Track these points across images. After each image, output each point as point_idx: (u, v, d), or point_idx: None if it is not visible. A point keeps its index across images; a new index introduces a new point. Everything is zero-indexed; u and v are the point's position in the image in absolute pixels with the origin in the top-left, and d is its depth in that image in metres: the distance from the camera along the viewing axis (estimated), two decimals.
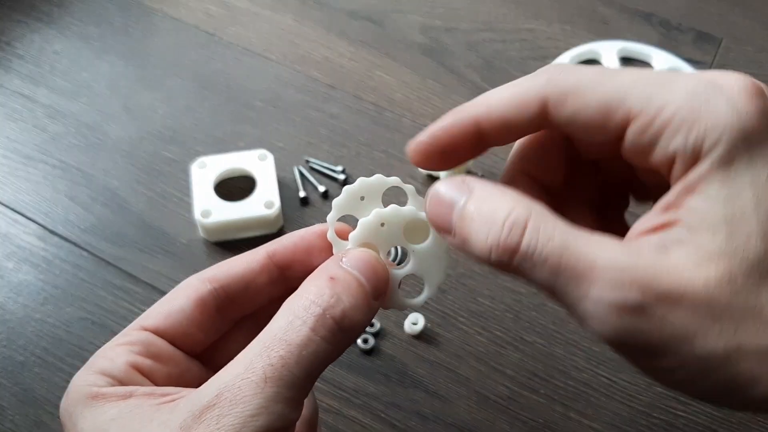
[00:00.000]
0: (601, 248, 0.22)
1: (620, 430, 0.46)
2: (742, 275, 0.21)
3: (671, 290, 0.21)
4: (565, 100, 0.24)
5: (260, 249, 0.30)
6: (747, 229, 0.21)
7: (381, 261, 0.28)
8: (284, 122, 0.61)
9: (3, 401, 0.45)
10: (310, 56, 0.67)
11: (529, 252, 0.22)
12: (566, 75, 0.25)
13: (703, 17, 0.73)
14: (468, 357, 0.48)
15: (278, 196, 0.54)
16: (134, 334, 0.28)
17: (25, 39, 0.67)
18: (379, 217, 0.28)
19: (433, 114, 0.63)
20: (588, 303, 0.22)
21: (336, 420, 0.45)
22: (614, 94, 0.24)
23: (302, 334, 0.24)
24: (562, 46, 0.69)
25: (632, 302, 0.21)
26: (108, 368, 0.26)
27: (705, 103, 0.22)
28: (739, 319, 0.21)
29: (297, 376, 0.24)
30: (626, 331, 0.21)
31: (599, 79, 0.24)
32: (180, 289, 0.29)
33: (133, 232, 0.54)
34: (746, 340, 0.21)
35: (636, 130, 0.23)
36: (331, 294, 0.25)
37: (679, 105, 0.22)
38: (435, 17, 0.71)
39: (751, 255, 0.21)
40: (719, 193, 0.22)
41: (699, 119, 0.22)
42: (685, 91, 0.23)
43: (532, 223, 0.23)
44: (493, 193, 0.25)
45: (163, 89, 0.63)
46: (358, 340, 0.48)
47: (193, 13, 0.70)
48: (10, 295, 0.50)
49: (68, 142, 0.59)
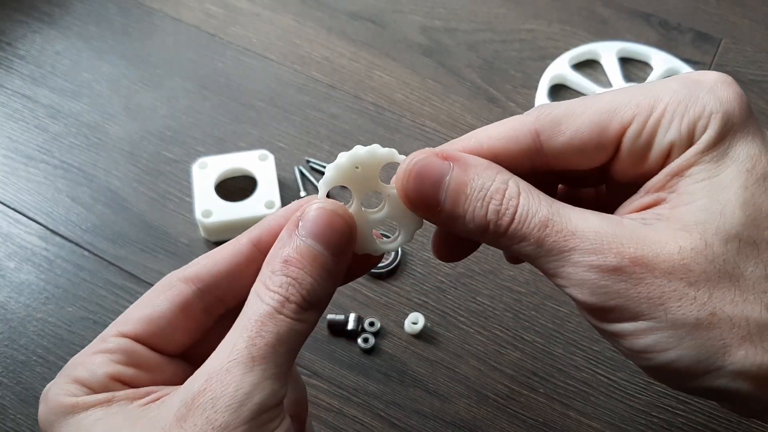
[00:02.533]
0: (584, 218, 0.24)
1: (619, 429, 0.46)
2: (718, 243, 0.22)
3: (646, 255, 0.22)
4: (558, 128, 0.25)
5: (243, 237, 0.28)
6: (725, 200, 0.23)
7: (345, 213, 0.27)
8: (285, 122, 0.61)
9: (4, 400, 0.46)
10: (311, 56, 0.67)
11: (520, 224, 0.24)
12: (554, 107, 0.26)
13: (702, 17, 0.73)
14: (467, 356, 0.48)
15: (279, 196, 0.54)
16: (113, 341, 0.26)
17: (27, 39, 0.67)
18: (354, 159, 0.27)
19: (433, 114, 0.63)
20: (569, 267, 0.23)
21: (336, 419, 0.46)
22: (605, 110, 0.25)
23: (274, 316, 0.25)
24: (562, 46, 0.69)
25: (609, 265, 0.22)
26: (86, 379, 0.25)
27: (690, 96, 0.24)
28: (714, 286, 0.22)
29: (280, 353, 0.25)
30: (604, 293, 0.23)
31: (587, 103, 0.25)
32: (161, 292, 0.27)
33: (134, 232, 0.54)
34: (720, 306, 0.22)
35: (633, 135, 0.24)
36: (287, 281, 0.25)
37: (668, 102, 0.24)
38: (435, 18, 0.72)
39: (727, 224, 0.22)
40: (703, 172, 0.23)
41: (687, 109, 0.24)
42: (670, 90, 0.25)
43: (523, 196, 0.24)
44: (482, 164, 0.25)
45: (163, 89, 0.63)
46: (359, 339, 0.48)
47: (194, 13, 0.70)
48: (11, 295, 0.50)
49: (69, 142, 0.59)
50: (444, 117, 0.63)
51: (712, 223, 0.22)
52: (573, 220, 0.24)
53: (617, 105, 0.25)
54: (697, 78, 0.25)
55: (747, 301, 0.22)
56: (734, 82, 0.25)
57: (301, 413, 0.31)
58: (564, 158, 0.26)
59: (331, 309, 0.50)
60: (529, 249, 0.24)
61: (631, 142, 0.25)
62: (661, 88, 0.25)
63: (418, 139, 0.61)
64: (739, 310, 0.22)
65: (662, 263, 0.22)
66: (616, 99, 0.25)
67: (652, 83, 0.26)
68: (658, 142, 0.24)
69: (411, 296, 0.51)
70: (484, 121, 0.63)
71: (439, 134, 0.61)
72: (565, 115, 0.25)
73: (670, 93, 0.24)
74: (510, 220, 0.24)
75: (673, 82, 0.25)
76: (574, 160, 0.26)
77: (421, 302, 0.51)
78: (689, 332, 0.22)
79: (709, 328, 0.22)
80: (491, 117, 0.63)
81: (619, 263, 0.22)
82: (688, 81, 0.25)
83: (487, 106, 0.64)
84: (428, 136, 0.61)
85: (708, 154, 0.23)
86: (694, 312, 0.22)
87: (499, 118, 0.62)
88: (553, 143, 0.25)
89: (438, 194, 0.25)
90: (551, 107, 0.26)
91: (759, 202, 0.23)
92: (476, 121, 0.63)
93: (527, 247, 0.24)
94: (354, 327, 0.49)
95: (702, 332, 0.22)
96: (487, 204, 0.24)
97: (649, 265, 0.22)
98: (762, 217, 0.23)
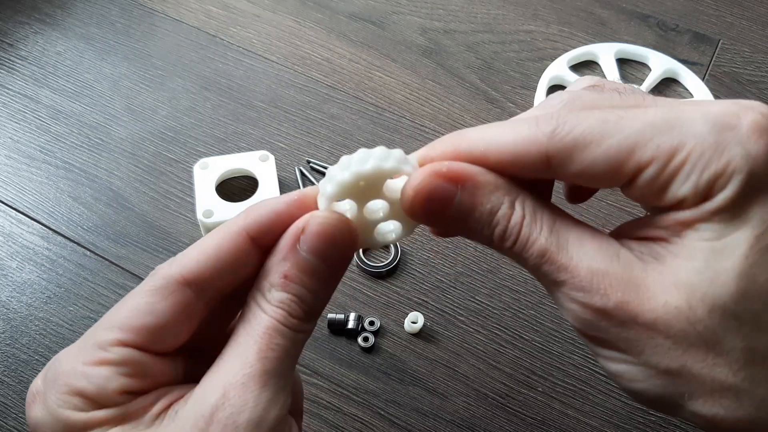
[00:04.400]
0: (580, 249, 0.24)
1: (618, 427, 0.46)
2: (702, 309, 0.22)
3: (632, 302, 0.23)
4: (570, 157, 0.23)
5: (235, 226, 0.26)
6: (721, 268, 0.22)
7: (347, 228, 0.26)
8: (285, 123, 0.62)
9: (7, 400, 0.46)
10: (311, 57, 0.67)
11: (519, 250, 0.24)
12: (570, 127, 0.23)
13: (700, 18, 0.74)
14: (467, 355, 0.49)
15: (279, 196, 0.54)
16: (117, 351, 0.25)
17: (28, 40, 0.67)
18: (358, 176, 0.25)
19: (432, 114, 0.63)
20: (561, 295, 0.24)
21: (336, 417, 0.46)
22: (624, 146, 0.23)
23: (279, 329, 0.25)
24: (560, 47, 0.70)
25: (595, 305, 0.23)
26: (93, 394, 0.24)
27: (716, 147, 0.22)
28: (690, 345, 0.22)
29: (287, 364, 0.25)
30: (587, 325, 0.24)
31: (606, 130, 0.23)
32: (161, 296, 0.25)
33: (136, 231, 0.54)
34: (691, 364, 0.22)
35: (648, 178, 0.23)
36: (289, 297, 0.25)
37: (691, 149, 0.22)
38: (434, 19, 0.72)
39: (716, 294, 0.22)
40: (710, 232, 0.22)
41: (710, 163, 0.22)
42: (696, 134, 0.22)
43: (527, 221, 0.24)
44: (489, 186, 0.25)
45: (164, 90, 0.64)
46: (359, 338, 0.49)
47: (194, 14, 0.70)
48: (14, 294, 0.51)
49: (71, 142, 0.60)
50: (443, 117, 0.63)
51: (702, 288, 0.22)
52: (569, 251, 0.24)
53: (637, 141, 0.22)
54: (730, 123, 0.22)
55: (717, 365, 0.22)
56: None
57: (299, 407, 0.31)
58: (572, 179, 0.25)
59: (331, 308, 0.50)
60: (527, 268, 0.25)
61: (645, 184, 0.23)
62: (688, 128, 0.22)
63: (417, 139, 0.61)
64: (708, 372, 0.22)
65: (646, 313, 0.22)
66: (638, 132, 0.23)
67: (680, 112, 0.23)
68: (673, 190, 0.23)
69: (410, 295, 0.52)
70: (483, 121, 0.63)
71: (439, 134, 0.62)
72: (581, 141, 0.23)
73: (695, 138, 0.22)
74: (512, 244, 0.24)
75: (701, 124, 0.22)
76: (584, 182, 0.25)
77: (421, 301, 0.51)
78: (658, 374, 0.23)
79: (677, 376, 0.23)
80: (490, 117, 0.63)
81: (605, 305, 0.23)
82: (719, 125, 0.22)
83: (486, 107, 0.64)
84: (428, 136, 0.61)
85: (720, 214, 0.22)
86: (666, 361, 0.23)
87: (498, 118, 0.63)
88: (563, 169, 0.24)
89: (444, 216, 0.25)
90: (567, 125, 0.23)
91: (756, 273, 0.22)
92: (475, 122, 0.63)
93: (525, 266, 0.25)
94: (354, 326, 0.49)
95: (670, 378, 0.23)
96: (493, 228, 0.25)
97: (632, 312, 0.23)
98: (755, 289, 0.22)
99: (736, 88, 0.68)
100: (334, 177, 0.25)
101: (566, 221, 0.25)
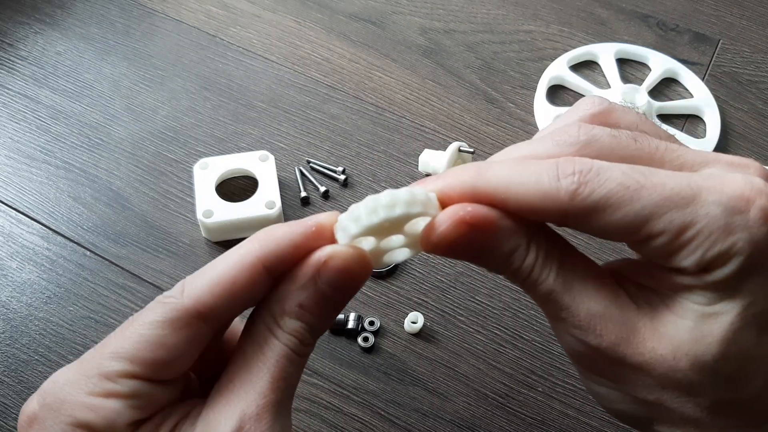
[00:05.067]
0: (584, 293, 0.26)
1: (617, 427, 0.46)
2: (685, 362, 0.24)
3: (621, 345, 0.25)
4: (588, 218, 0.24)
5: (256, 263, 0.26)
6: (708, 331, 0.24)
7: (366, 263, 0.26)
8: (285, 123, 0.62)
9: (7, 400, 0.46)
10: (311, 57, 0.67)
11: (530, 284, 0.26)
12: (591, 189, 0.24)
13: (700, 18, 0.74)
14: (466, 355, 0.49)
15: (279, 196, 0.54)
16: (126, 384, 0.24)
17: (28, 40, 0.67)
18: (386, 221, 0.25)
19: (432, 114, 0.63)
20: (560, 328, 0.26)
21: (336, 417, 0.46)
22: (640, 216, 0.24)
23: (290, 356, 0.26)
24: (560, 47, 0.70)
25: (589, 343, 0.25)
26: (104, 428, 0.23)
27: (725, 229, 0.23)
28: (669, 387, 0.25)
29: (293, 390, 0.26)
30: (581, 358, 0.27)
31: (624, 198, 0.24)
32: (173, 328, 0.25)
33: (136, 231, 0.54)
34: (668, 401, 0.26)
35: (657, 246, 0.24)
36: (303, 327, 0.26)
37: (700, 228, 0.23)
38: (434, 19, 0.72)
39: (700, 352, 0.24)
40: (704, 298, 0.24)
41: (715, 243, 0.23)
42: (707, 215, 0.23)
43: (538, 264, 0.26)
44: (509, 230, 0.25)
45: (164, 90, 0.64)
46: (359, 338, 0.49)
47: (194, 14, 0.70)
48: (14, 294, 0.51)
49: (71, 142, 0.60)
50: (443, 117, 0.63)
51: (688, 345, 0.24)
52: (572, 292, 0.25)
53: (653, 213, 0.23)
54: (741, 208, 0.23)
55: (687, 403, 0.25)
56: None
57: None
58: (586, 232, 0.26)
59: None
60: (531, 297, 0.27)
61: (652, 250, 0.24)
62: (701, 208, 0.23)
63: (417, 139, 0.61)
64: (678, 407, 0.25)
65: (635, 356, 0.25)
66: (655, 205, 0.24)
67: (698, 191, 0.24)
68: (677, 260, 0.24)
69: (410, 295, 0.52)
70: (483, 121, 0.63)
71: (439, 134, 0.62)
72: (601, 206, 0.24)
73: (707, 218, 0.23)
74: (522, 280, 0.26)
75: (714, 206, 0.23)
76: (595, 236, 0.26)
77: (421, 301, 0.51)
78: (635, 401, 0.26)
79: (652, 406, 0.26)
80: (490, 117, 0.63)
81: (599, 345, 0.25)
82: (731, 209, 0.23)
83: (486, 107, 0.64)
84: (428, 137, 0.61)
85: (717, 286, 0.24)
86: (644, 393, 0.25)
87: (498, 118, 0.63)
88: (579, 226, 0.25)
89: (463, 256, 0.26)
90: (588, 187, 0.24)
91: (738, 339, 0.24)
92: (475, 122, 0.63)
93: (530, 296, 0.27)
94: (354, 326, 0.49)
95: (645, 406, 0.26)
96: (507, 267, 0.26)
97: (622, 354, 0.25)
98: (734, 352, 0.24)
99: (736, 88, 0.68)
100: (359, 219, 0.25)
101: (573, 260, 0.26)
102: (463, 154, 0.56)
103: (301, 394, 0.47)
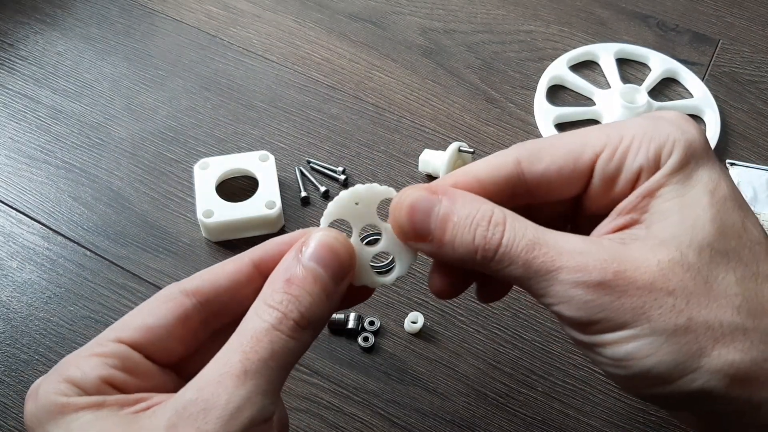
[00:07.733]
0: (567, 240, 0.26)
1: (617, 427, 0.46)
2: (693, 254, 0.24)
3: (628, 269, 0.24)
4: (537, 155, 0.28)
5: (244, 257, 0.29)
6: (695, 215, 0.25)
7: (346, 242, 0.28)
8: (285, 123, 0.62)
9: (7, 399, 0.46)
10: (311, 57, 0.67)
11: (508, 248, 0.26)
12: (534, 142, 0.29)
13: (699, 18, 0.74)
14: (466, 354, 0.49)
15: (279, 196, 0.54)
16: (110, 345, 0.27)
17: (29, 40, 0.67)
18: (354, 195, 0.30)
19: (432, 114, 0.63)
20: (557, 285, 0.25)
21: (336, 417, 0.46)
22: (579, 141, 0.28)
23: (271, 332, 0.26)
24: (560, 47, 0.70)
25: (594, 280, 0.24)
26: (79, 379, 0.25)
27: (655, 127, 0.27)
28: (691, 293, 0.24)
29: (273, 369, 0.25)
30: (590, 307, 0.25)
31: (562, 137, 0.29)
32: (161, 302, 0.28)
33: (136, 231, 0.54)
34: (696, 312, 0.24)
35: (604, 161, 0.27)
36: (288, 298, 0.26)
37: (635, 132, 0.27)
38: (434, 19, 0.72)
39: (700, 236, 0.25)
40: (672, 192, 0.26)
41: (653, 138, 0.27)
42: (636, 124, 0.28)
43: (509, 221, 0.26)
44: (468, 197, 0.27)
45: (165, 90, 0.64)
46: (359, 338, 0.49)
47: (195, 14, 0.71)
48: (14, 294, 0.51)
49: (71, 142, 0.60)
50: (443, 117, 0.63)
51: (686, 236, 0.25)
52: (558, 241, 0.26)
53: (589, 137, 0.28)
54: (660, 115, 0.28)
55: (720, 306, 0.24)
56: (691, 119, 0.28)
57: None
58: (543, 186, 0.28)
59: None
60: (518, 272, 0.26)
61: (602, 167, 0.27)
62: (629, 122, 0.28)
63: (417, 139, 0.61)
64: (713, 315, 0.24)
65: (643, 275, 0.24)
66: (588, 133, 0.28)
67: (617, 121, 0.29)
68: (628, 166, 0.27)
69: (410, 295, 0.52)
70: (482, 121, 0.63)
71: (439, 135, 0.62)
72: (543, 146, 0.28)
73: (636, 126, 0.27)
74: (497, 245, 0.26)
75: (638, 119, 0.28)
76: (552, 187, 0.28)
77: (421, 301, 0.51)
78: (668, 338, 0.24)
79: (686, 333, 0.24)
80: (490, 117, 0.63)
81: (604, 278, 0.24)
82: (652, 117, 0.28)
83: (486, 107, 0.64)
84: (427, 137, 0.61)
85: (675, 176, 0.26)
86: (673, 318, 0.24)
87: (498, 118, 0.63)
88: (532, 170, 0.28)
89: (428, 225, 0.28)
90: (531, 142, 0.29)
91: (724, 218, 0.25)
92: (475, 122, 0.63)
93: (516, 270, 0.26)
94: (354, 326, 0.49)
95: (680, 337, 0.24)
96: (474, 230, 0.26)
97: (631, 278, 0.24)
98: (728, 230, 0.25)
99: (735, 88, 0.68)
100: (329, 207, 0.30)
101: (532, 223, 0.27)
102: (463, 154, 0.56)
103: (301, 394, 0.47)
